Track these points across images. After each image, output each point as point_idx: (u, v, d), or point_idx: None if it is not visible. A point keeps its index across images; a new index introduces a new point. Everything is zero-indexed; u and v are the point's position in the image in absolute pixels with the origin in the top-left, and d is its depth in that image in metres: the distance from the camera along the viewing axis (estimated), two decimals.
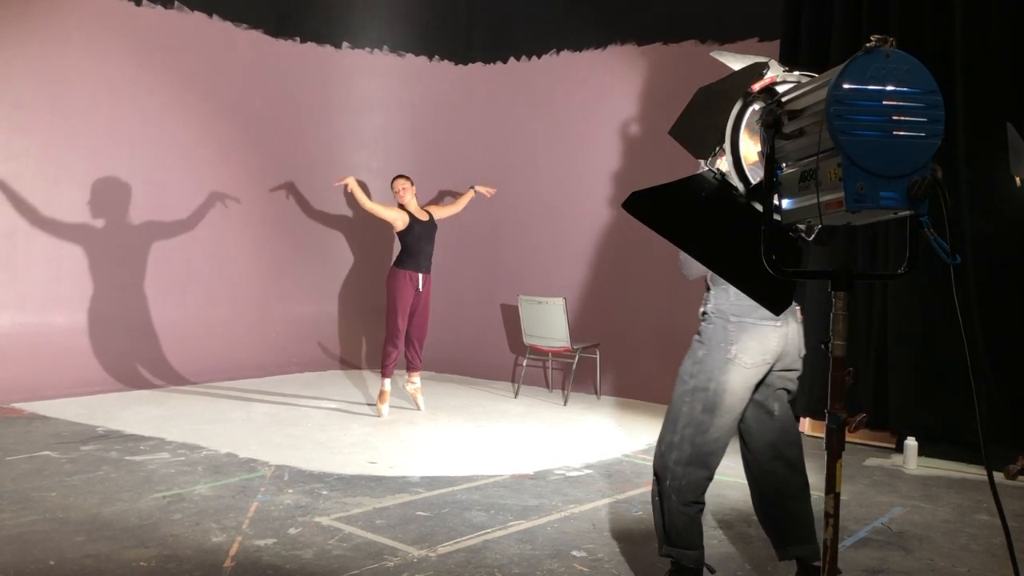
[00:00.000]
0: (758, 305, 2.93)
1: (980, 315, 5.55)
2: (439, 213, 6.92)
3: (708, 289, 3.24)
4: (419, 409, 6.83)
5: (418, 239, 6.61)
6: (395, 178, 6.78)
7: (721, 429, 3.05)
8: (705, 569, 3.19)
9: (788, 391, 3.23)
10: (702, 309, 3.21)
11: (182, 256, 8.13)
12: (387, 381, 6.64)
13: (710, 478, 3.13)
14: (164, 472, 4.75)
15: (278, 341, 8.77)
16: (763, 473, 3.21)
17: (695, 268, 3.18)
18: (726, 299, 3.12)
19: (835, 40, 6.38)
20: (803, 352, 3.20)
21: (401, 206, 6.67)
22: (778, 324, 3.07)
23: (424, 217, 6.72)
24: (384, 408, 6.60)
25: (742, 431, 3.22)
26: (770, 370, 3.12)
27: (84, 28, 7.49)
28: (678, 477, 3.10)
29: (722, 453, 3.11)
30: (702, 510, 3.16)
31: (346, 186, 6.66)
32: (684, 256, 3.13)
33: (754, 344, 3.04)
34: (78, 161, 7.50)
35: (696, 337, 3.17)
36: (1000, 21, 5.66)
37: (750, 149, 2.46)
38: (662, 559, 3.22)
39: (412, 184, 6.75)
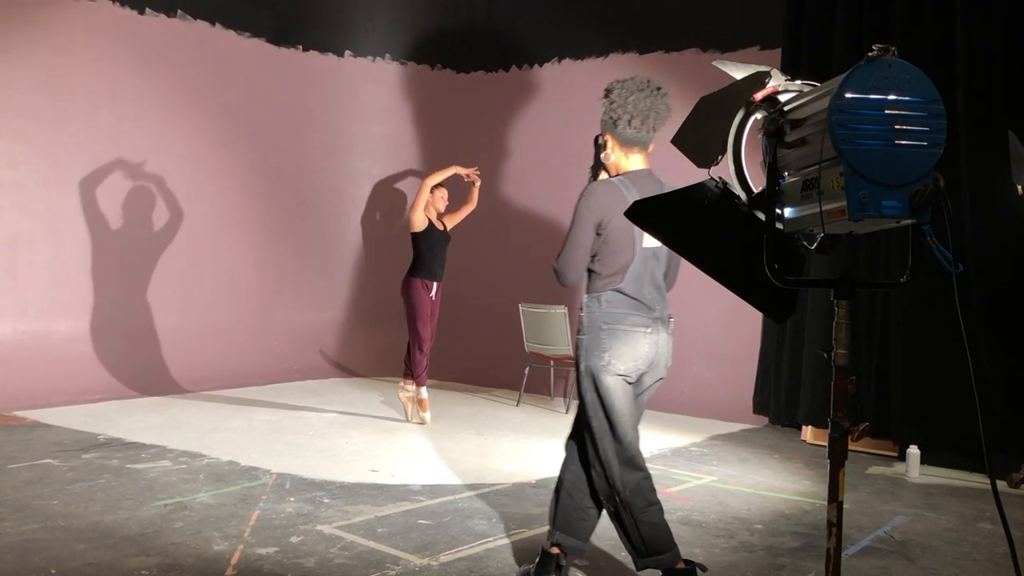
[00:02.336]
0: (628, 313, 3.11)
1: (982, 323, 5.54)
2: (452, 221, 6.91)
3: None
4: (408, 419, 6.80)
5: (432, 246, 6.63)
6: (437, 188, 6.77)
7: (626, 434, 3.15)
8: (697, 569, 3.21)
9: (644, 402, 3.34)
10: (579, 320, 3.25)
11: (184, 264, 8.14)
12: (423, 389, 6.66)
13: (647, 477, 3.20)
14: (166, 480, 4.75)
15: (279, 349, 8.76)
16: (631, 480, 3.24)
17: (572, 276, 3.20)
18: (598, 308, 3.16)
19: (836, 49, 6.40)
20: (669, 362, 3.28)
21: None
22: (648, 331, 3.15)
23: (441, 227, 6.75)
24: (427, 415, 6.64)
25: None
26: (639, 378, 3.21)
27: (87, 37, 7.51)
28: (620, 491, 3.15)
29: (638, 444, 3.20)
30: (661, 509, 3.21)
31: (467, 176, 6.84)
32: (561, 264, 3.19)
33: (626, 350, 3.12)
34: (80, 169, 7.52)
35: (576, 351, 3.23)
36: (1001, 29, 5.67)
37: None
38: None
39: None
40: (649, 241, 3.13)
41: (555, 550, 3.29)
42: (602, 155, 3.32)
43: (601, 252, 3.15)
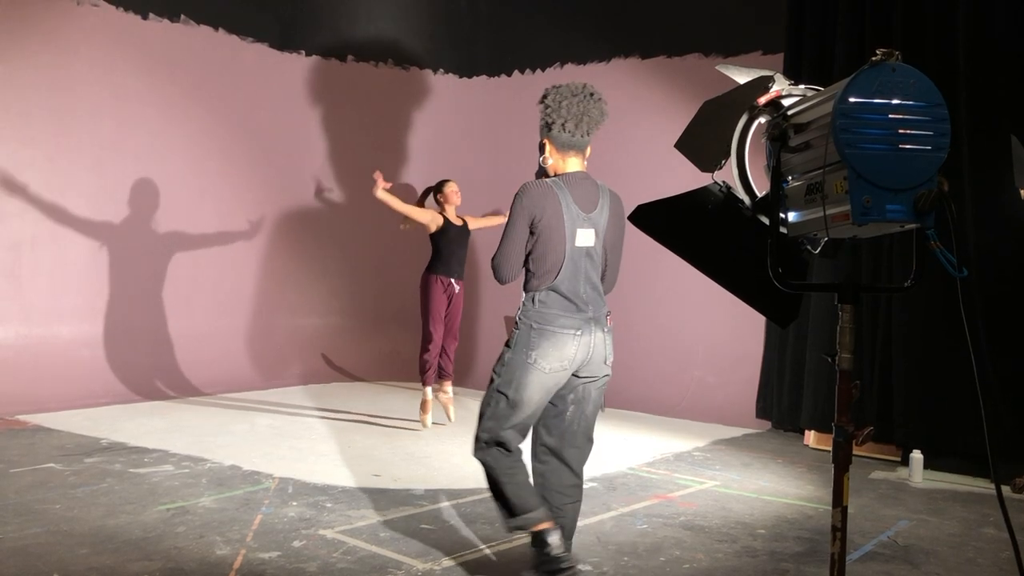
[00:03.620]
0: (560, 315, 3.18)
1: (985, 327, 5.53)
2: (474, 223, 6.84)
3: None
4: (449, 420, 6.74)
5: (450, 242, 6.54)
6: (446, 182, 6.68)
7: (514, 422, 3.24)
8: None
9: (591, 400, 3.35)
10: (515, 317, 3.33)
11: (186, 268, 8.14)
12: (428, 390, 6.60)
13: (511, 452, 3.29)
14: (168, 484, 4.74)
15: (282, 352, 8.76)
16: (537, 463, 3.38)
17: (506, 273, 3.29)
18: (532, 307, 3.25)
19: (839, 53, 6.39)
20: (608, 360, 3.33)
21: (440, 211, 6.60)
22: (578, 333, 3.21)
23: (459, 222, 6.66)
24: (427, 419, 6.59)
25: (536, 426, 3.38)
26: (573, 375, 3.28)
27: (90, 41, 7.53)
28: (488, 463, 3.29)
29: (516, 437, 3.28)
30: (525, 473, 3.30)
31: (375, 183, 6.41)
32: (496, 261, 3.27)
33: (553, 351, 3.18)
34: (84, 173, 7.53)
35: (506, 342, 3.31)
36: (1004, 33, 5.67)
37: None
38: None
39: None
40: (582, 240, 3.22)
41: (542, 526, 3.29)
42: (540, 159, 3.41)
43: (535, 251, 3.25)
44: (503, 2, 9.41)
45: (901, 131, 2.05)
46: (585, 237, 3.22)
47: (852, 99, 2.04)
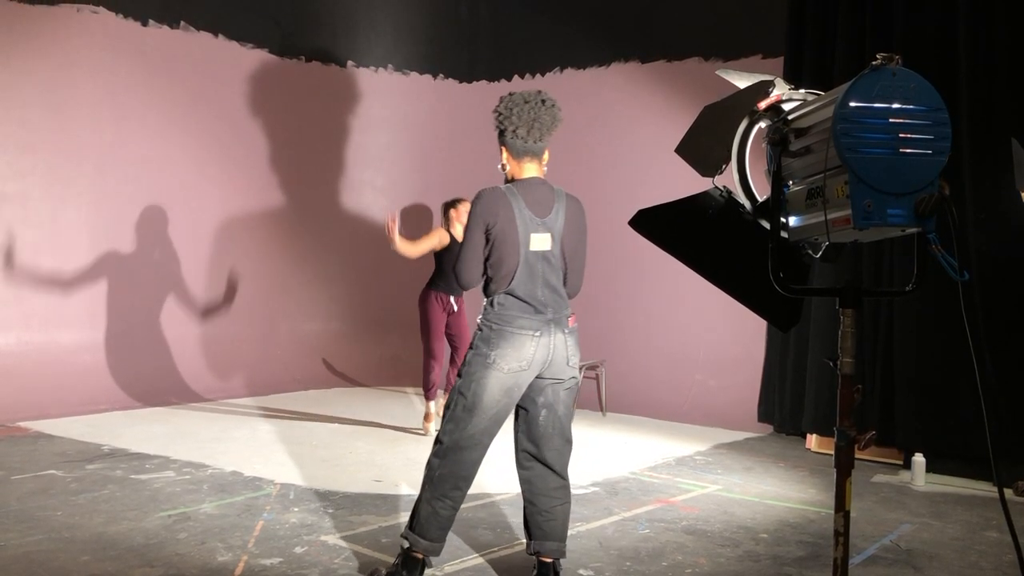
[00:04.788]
0: (518, 316, 3.23)
1: (988, 330, 5.53)
2: None
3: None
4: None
5: (452, 260, 6.52)
6: (458, 201, 6.59)
7: (477, 427, 3.27)
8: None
9: (560, 401, 3.38)
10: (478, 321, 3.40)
11: (187, 274, 8.14)
12: (430, 404, 6.62)
13: (465, 476, 3.33)
14: (169, 491, 4.74)
15: (283, 358, 8.76)
16: (521, 470, 3.43)
17: (467, 278, 3.37)
18: (492, 310, 3.31)
19: (839, 57, 6.40)
20: (572, 362, 3.37)
21: (447, 228, 6.58)
22: (536, 334, 3.27)
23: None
24: (430, 426, 6.56)
25: (514, 432, 3.44)
26: (539, 378, 3.32)
27: (90, 47, 7.54)
28: (434, 468, 3.32)
29: (480, 451, 3.32)
30: (453, 508, 3.33)
31: (390, 234, 6.20)
32: (458, 267, 3.35)
33: (511, 352, 3.24)
34: (84, 180, 7.53)
35: (469, 347, 3.36)
36: (1005, 35, 5.67)
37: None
38: None
39: None
40: (537, 244, 3.28)
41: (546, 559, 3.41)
42: (498, 166, 3.49)
43: (491, 256, 3.31)
44: (503, 7, 9.42)
45: (902, 135, 2.05)
46: (540, 241, 3.29)
47: (853, 103, 2.04)
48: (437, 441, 3.34)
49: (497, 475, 5.40)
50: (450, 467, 3.29)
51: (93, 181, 7.58)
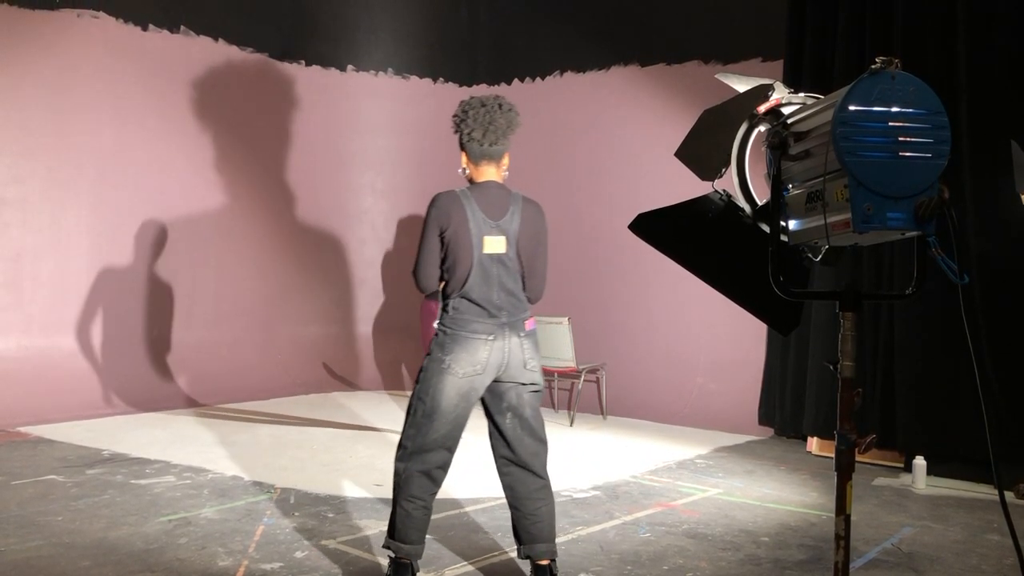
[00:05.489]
0: (472, 320, 3.27)
1: (987, 333, 5.53)
2: None
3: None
4: None
5: None
6: None
7: (438, 432, 3.32)
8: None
9: (526, 404, 3.42)
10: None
11: (188, 279, 8.15)
12: None
13: (432, 478, 3.36)
14: (170, 496, 4.74)
15: (283, 363, 8.76)
16: (501, 476, 3.46)
17: (424, 282, 3.40)
18: (447, 315, 3.35)
19: (838, 60, 6.40)
20: (530, 365, 3.40)
21: None
22: (490, 338, 3.30)
23: None
24: None
25: (490, 441, 3.48)
26: (498, 382, 3.36)
27: (90, 52, 7.55)
28: (399, 473, 3.37)
29: (441, 455, 3.36)
30: (425, 509, 3.37)
31: None
32: (415, 271, 3.38)
33: (464, 355, 3.28)
34: (84, 184, 7.54)
35: (428, 350, 3.40)
36: (1003, 38, 5.68)
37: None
38: None
39: None
40: (491, 247, 3.31)
41: (547, 560, 3.44)
42: (459, 170, 3.53)
43: (446, 260, 3.35)
44: (503, 11, 9.43)
45: (901, 139, 2.05)
46: (494, 244, 3.31)
47: (852, 107, 2.04)
48: (401, 446, 3.38)
49: (495, 480, 5.40)
50: (416, 469, 3.33)
51: (93, 185, 7.58)
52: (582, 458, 6.18)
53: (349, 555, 3.84)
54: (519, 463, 3.41)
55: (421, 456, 3.33)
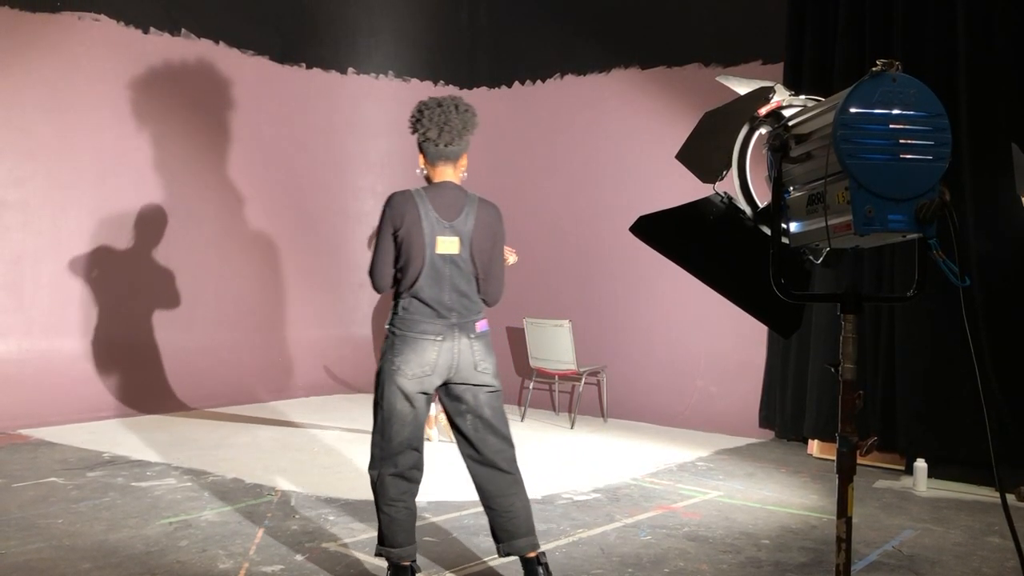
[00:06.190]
0: (420, 320, 3.28)
1: (988, 335, 5.53)
2: None
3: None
4: (452, 440, 6.68)
5: None
6: None
7: (401, 434, 3.35)
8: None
9: (484, 404, 3.40)
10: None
11: (188, 281, 8.15)
12: (431, 407, 6.63)
13: (406, 479, 3.39)
14: (170, 498, 4.74)
15: (284, 365, 8.76)
16: (472, 476, 3.46)
17: (378, 282, 3.44)
18: (396, 315, 3.37)
19: (838, 62, 6.40)
20: (481, 367, 3.38)
21: None
22: (439, 339, 3.31)
23: None
24: (432, 432, 6.59)
25: (457, 446, 3.49)
26: (452, 384, 3.36)
27: (91, 55, 7.55)
28: (374, 481, 3.40)
29: (410, 455, 3.38)
30: (408, 510, 3.39)
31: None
32: (370, 270, 3.43)
33: (413, 356, 3.29)
34: (85, 187, 7.54)
35: (381, 354, 3.42)
36: (1004, 41, 5.68)
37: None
38: None
39: None
40: (444, 248, 3.32)
41: (532, 552, 3.44)
42: (417, 170, 3.55)
43: (400, 259, 3.38)
44: (503, 14, 9.44)
45: (902, 141, 2.05)
46: (447, 245, 3.32)
47: (853, 109, 2.04)
48: (371, 454, 3.42)
49: None
50: (388, 474, 3.36)
51: (94, 188, 7.58)
52: (583, 460, 6.18)
53: (350, 558, 3.84)
54: (485, 462, 3.41)
55: (391, 460, 3.36)
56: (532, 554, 3.41)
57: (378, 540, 3.42)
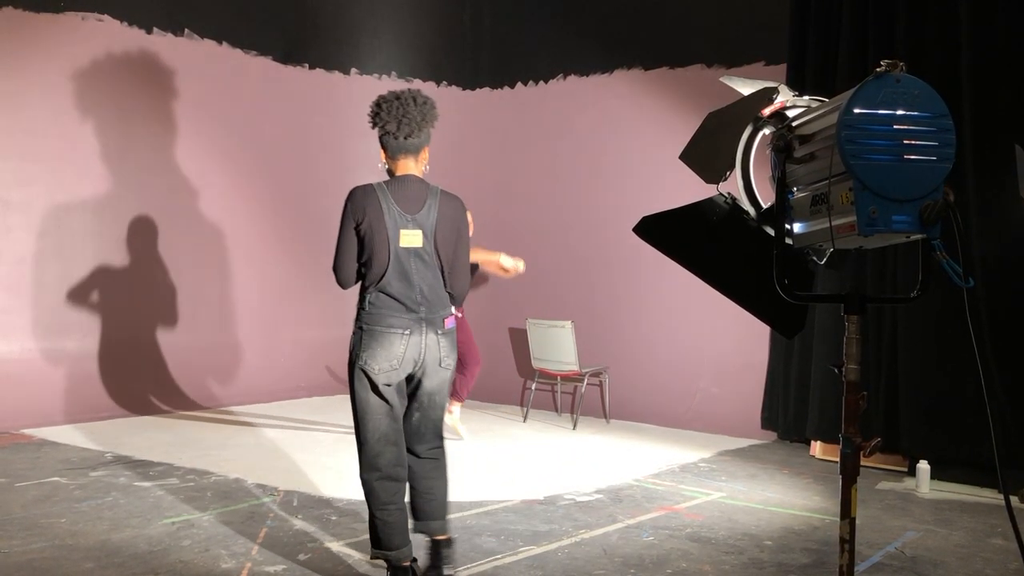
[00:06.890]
0: (387, 314, 3.27)
1: (991, 337, 5.52)
2: (475, 256, 6.65)
3: None
4: (460, 437, 6.65)
5: None
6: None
7: (379, 431, 3.34)
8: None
9: (436, 405, 3.45)
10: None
11: (191, 282, 8.15)
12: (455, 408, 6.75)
13: (392, 478, 3.37)
14: (173, 498, 4.74)
15: (286, 366, 8.76)
16: (409, 461, 3.49)
17: (342, 277, 3.41)
18: (363, 311, 3.35)
19: (841, 63, 6.40)
20: (444, 363, 3.40)
21: None
22: (406, 333, 3.30)
23: None
24: (461, 429, 6.69)
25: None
26: (413, 378, 3.38)
27: (95, 55, 7.56)
28: (365, 484, 3.39)
29: (391, 451, 3.36)
30: (399, 510, 3.39)
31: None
32: (334, 266, 3.40)
33: (381, 351, 3.28)
34: (88, 188, 7.54)
35: (350, 351, 3.40)
36: (1007, 41, 5.67)
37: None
38: None
39: None
40: (408, 241, 3.31)
41: (443, 535, 3.52)
42: (379, 164, 3.56)
43: (363, 254, 3.35)
44: (506, 14, 9.44)
45: (906, 142, 2.05)
46: (411, 238, 3.31)
47: (857, 110, 2.04)
48: (358, 458, 3.40)
49: (499, 483, 5.39)
50: (376, 477, 3.36)
51: (97, 188, 7.59)
52: (585, 461, 6.17)
53: (352, 557, 3.84)
54: (413, 452, 3.47)
55: (375, 460, 3.36)
56: (442, 536, 3.47)
57: (372, 544, 3.43)
